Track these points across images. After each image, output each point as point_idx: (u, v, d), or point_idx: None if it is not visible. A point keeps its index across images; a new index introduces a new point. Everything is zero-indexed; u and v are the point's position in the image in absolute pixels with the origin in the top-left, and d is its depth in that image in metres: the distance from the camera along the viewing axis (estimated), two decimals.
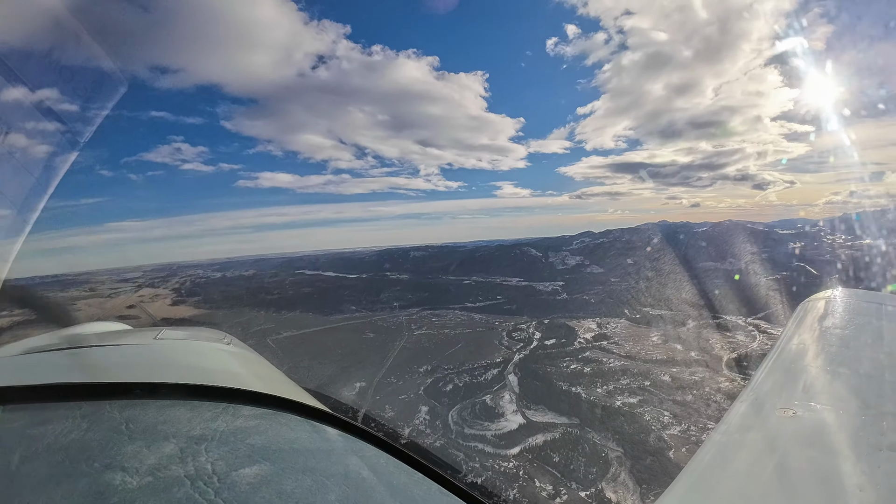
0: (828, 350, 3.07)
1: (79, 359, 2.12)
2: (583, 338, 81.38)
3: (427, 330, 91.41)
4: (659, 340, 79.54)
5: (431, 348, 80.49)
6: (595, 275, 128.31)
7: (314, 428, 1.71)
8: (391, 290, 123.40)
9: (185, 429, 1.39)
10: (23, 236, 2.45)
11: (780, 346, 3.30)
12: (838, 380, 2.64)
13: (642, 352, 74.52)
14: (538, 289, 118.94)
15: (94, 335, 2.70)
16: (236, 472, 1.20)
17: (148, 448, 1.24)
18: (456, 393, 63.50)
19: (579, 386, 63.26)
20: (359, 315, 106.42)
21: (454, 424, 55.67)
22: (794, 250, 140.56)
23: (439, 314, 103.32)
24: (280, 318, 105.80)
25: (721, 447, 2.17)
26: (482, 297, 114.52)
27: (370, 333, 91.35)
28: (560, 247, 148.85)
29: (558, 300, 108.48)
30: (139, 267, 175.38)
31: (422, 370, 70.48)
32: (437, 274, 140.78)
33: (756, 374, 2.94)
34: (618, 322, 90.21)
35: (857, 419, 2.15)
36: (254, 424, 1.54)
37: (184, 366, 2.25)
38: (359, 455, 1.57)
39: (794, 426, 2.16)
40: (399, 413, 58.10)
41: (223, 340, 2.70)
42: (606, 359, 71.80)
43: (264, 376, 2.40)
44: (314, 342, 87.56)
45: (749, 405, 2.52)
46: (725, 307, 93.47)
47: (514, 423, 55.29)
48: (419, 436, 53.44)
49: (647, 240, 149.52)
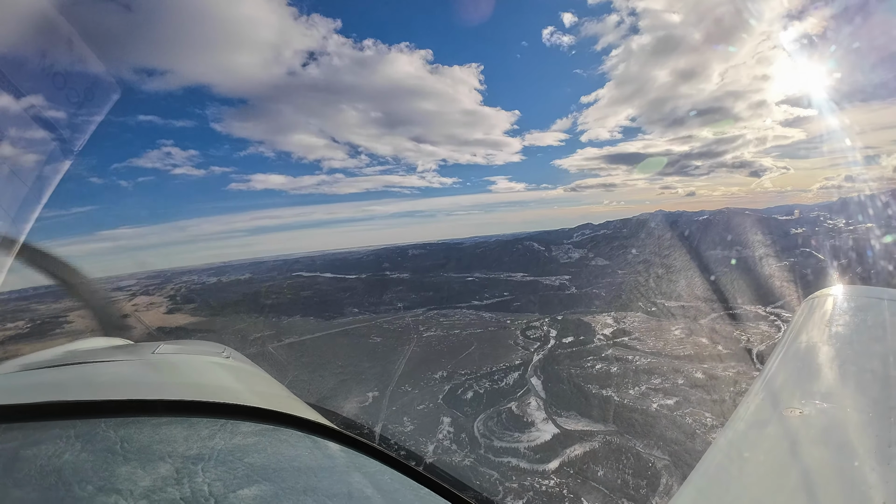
0: (833, 347, 2.98)
1: (74, 376, 1.97)
2: (602, 334, 75.96)
3: (436, 331, 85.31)
4: (681, 334, 74.38)
5: (444, 351, 74.47)
6: (601, 267, 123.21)
7: (316, 444, 1.59)
8: (393, 290, 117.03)
9: (182, 448, 1.30)
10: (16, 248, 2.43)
11: (785, 343, 3.20)
12: (844, 377, 2.57)
13: (667, 347, 69.26)
14: (545, 284, 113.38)
15: (91, 351, 2.50)
16: (234, 493, 1.13)
17: (143, 468, 1.17)
18: (478, 401, 57.58)
19: (609, 388, 57.72)
20: (362, 318, 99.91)
21: (481, 437, 49.74)
22: (796, 236, 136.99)
23: (446, 314, 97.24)
24: (280, 324, 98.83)
25: (731, 448, 2.14)
26: (488, 294, 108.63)
27: (376, 337, 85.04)
28: (561, 240, 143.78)
29: (567, 295, 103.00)
30: (133, 275, 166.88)
31: (437, 376, 64.45)
32: (438, 272, 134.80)
33: (762, 372, 2.84)
34: (634, 316, 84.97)
35: (865, 416, 2.09)
36: (253, 441, 1.45)
37: (181, 381, 2.12)
38: (363, 472, 1.47)
39: (801, 425, 2.13)
40: (419, 426, 52.03)
41: (222, 354, 2.63)
42: (631, 356, 66.37)
43: (264, 390, 2.30)
44: (318, 348, 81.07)
45: (756, 405, 2.45)
46: (741, 297, 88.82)
47: (547, 433, 49.58)
48: (445, 452, 47.52)
49: (649, 230, 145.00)
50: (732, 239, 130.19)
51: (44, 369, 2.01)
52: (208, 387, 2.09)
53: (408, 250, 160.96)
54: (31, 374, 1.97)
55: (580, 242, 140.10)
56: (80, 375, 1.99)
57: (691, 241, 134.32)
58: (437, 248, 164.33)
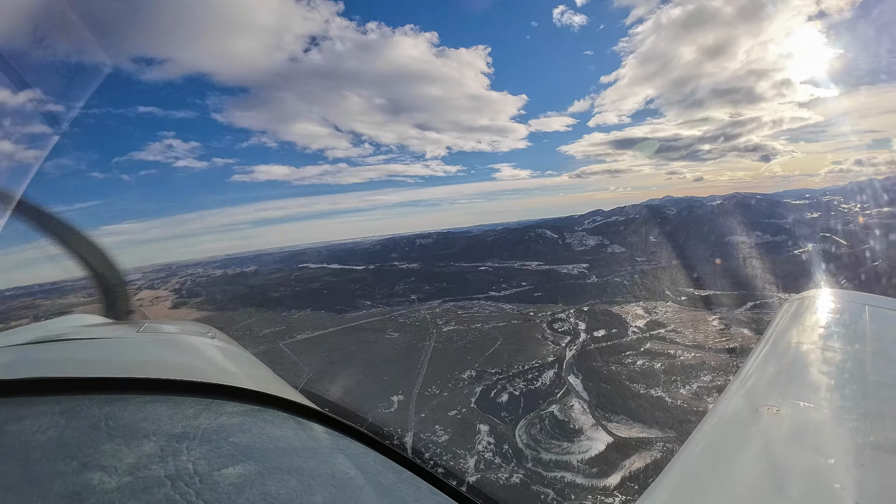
0: (813, 349, 2.95)
1: (57, 352, 1.94)
2: (635, 326, 69.50)
3: (456, 325, 78.73)
4: (721, 325, 68.10)
5: (468, 348, 67.94)
6: (619, 255, 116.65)
7: (300, 425, 1.58)
8: (405, 281, 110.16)
9: (167, 426, 1.29)
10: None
11: (765, 342, 3.13)
12: (823, 379, 2.55)
13: (709, 340, 62.96)
14: (563, 272, 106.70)
15: (75, 328, 2.46)
16: (219, 472, 1.12)
17: (128, 446, 1.15)
18: (514, 404, 51.18)
19: (657, 387, 51.41)
20: (376, 311, 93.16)
21: (526, 448, 43.41)
22: (813, 221, 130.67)
23: (464, 306, 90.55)
24: (290, 319, 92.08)
25: (706, 444, 2.09)
26: (505, 284, 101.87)
27: (393, 332, 78.45)
28: (573, 227, 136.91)
29: (589, 284, 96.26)
30: (138, 269, 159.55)
31: (465, 376, 57.94)
32: (448, 261, 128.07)
33: (741, 369, 2.77)
34: (665, 306, 78.54)
35: (842, 418, 2.09)
36: (238, 422, 1.43)
37: (166, 360, 2.09)
38: (346, 453, 1.46)
39: (778, 423, 2.10)
40: (455, 436, 45.60)
41: (207, 334, 2.59)
42: (673, 350, 60.03)
43: (250, 372, 2.23)
44: (333, 345, 74.48)
45: (734, 401, 2.39)
46: (771, 285, 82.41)
47: (600, 442, 43.28)
48: (489, 468, 41.11)
49: (662, 216, 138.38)
50: (749, 224, 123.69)
51: (28, 345, 1.94)
52: (194, 366, 2.06)
53: (415, 240, 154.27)
54: (13, 350, 1.89)
55: (593, 229, 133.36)
56: (65, 352, 1.93)
57: (707, 226, 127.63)
58: (443, 237, 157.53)
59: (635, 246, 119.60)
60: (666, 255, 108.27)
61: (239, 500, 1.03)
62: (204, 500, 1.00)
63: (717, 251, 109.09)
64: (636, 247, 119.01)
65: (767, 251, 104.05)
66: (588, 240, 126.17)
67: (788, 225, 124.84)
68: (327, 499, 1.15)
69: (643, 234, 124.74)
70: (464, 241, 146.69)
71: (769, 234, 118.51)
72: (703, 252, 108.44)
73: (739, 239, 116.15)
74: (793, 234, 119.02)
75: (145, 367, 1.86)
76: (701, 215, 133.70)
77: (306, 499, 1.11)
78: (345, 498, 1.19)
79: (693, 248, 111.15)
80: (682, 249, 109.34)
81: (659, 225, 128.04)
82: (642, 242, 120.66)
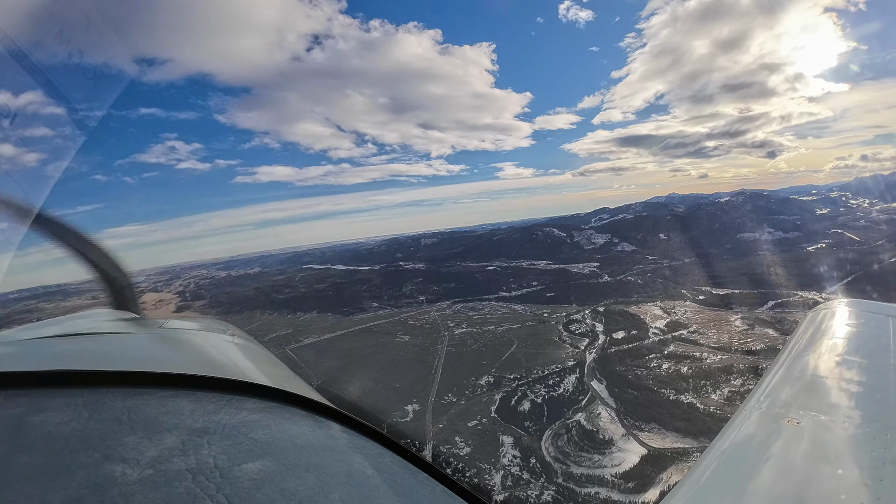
0: (835, 361, 2.89)
1: (81, 346, 1.97)
2: (655, 327, 66.27)
3: (468, 327, 75.47)
4: (744, 325, 64.86)
5: (482, 352, 64.70)
6: (629, 253, 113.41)
7: (318, 423, 1.61)
8: (412, 281, 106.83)
9: (188, 420, 1.31)
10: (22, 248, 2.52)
11: (787, 353, 3.10)
12: (844, 392, 2.50)
13: (734, 341, 59.73)
14: (573, 272, 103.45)
15: (99, 323, 2.48)
16: (239, 467, 1.13)
17: (150, 439, 1.17)
18: (538, 413, 48.00)
19: (687, 392, 48.26)
20: (383, 313, 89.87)
21: (554, 462, 40.24)
22: (823, 217, 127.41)
23: (474, 307, 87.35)
24: (296, 321, 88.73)
25: (725, 453, 2.09)
26: (515, 284, 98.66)
27: (403, 335, 75.16)
28: (580, 225, 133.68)
29: (602, 283, 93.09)
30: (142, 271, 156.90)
31: (482, 382, 54.73)
32: (455, 261, 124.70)
33: (762, 380, 2.77)
34: (683, 305, 75.30)
35: (862, 431, 2.06)
36: (257, 418, 1.46)
37: (187, 356, 2.15)
38: (363, 453, 1.49)
39: (798, 436, 2.08)
40: (477, 448, 42.39)
41: (227, 332, 2.60)
42: (699, 353, 56.85)
43: (268, 369, 2.28)
44: (341, 350, 71.13)
45: (754, 413, 2.37)
46: (790, 283, 79.06)
47: (633, 454, 40.13)
48: (518, 484, 37.86)
49: (669, 213, 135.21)
50: (759, 221, 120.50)
51: (53, 338, 1.98)
52: (214, 362, 2.12)
53: (420, 239, 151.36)
54: (40, 343, 1.93)
55: (601, 228, 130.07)
56: (89, 346, 1.97)
57: (717, 223, 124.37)
58: (448, 237, 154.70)
59: (645, 244, 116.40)
60: (678, 253, 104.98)
61: (258, 496, 1.04)
62: (224, 494, 1.01)
63: (730, 248, 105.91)
64: (646, 244, 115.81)
65: (781, 248, 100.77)
66: (596, 238, 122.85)
67: (800, 221, 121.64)
68: (344, 497, 1.16)
69: (653, 231, 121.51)
70: (468, 240, 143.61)
71: (781, 230, 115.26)
72: (715, 249, 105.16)
73: (752, 236, 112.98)
74: (805, 230, 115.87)
75: (167, 362, 1.91)
76: (710, 212, 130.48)
77: (324, 496, 1.12)
78: (361, 497, 1.19)
79: (705, 245, 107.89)
80: (694, 247, 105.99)
81: (668, 222, 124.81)
82: (652, 240, 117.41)
